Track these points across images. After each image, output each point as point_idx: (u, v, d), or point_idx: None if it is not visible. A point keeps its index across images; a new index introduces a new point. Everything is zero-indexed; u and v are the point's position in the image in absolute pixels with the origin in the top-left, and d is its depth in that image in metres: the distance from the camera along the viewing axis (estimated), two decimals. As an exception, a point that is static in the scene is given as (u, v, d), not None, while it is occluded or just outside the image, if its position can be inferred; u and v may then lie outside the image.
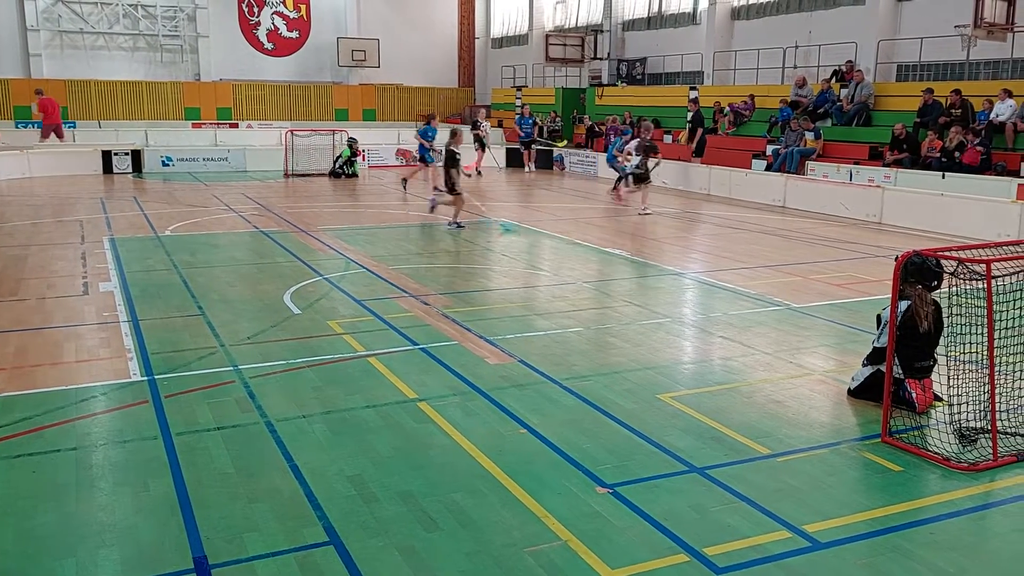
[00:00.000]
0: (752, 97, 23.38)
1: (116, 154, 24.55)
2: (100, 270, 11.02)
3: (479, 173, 24.55)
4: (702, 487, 5.06)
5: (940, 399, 6.29)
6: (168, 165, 25.15)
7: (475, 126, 26.18)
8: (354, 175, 24.16)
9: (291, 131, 25.30)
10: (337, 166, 24.23)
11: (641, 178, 17.43)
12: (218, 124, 33.39)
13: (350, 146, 24.30)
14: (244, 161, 25.86)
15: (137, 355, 7.46)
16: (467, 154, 20.05)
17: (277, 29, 37.01)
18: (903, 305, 6.09)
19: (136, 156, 24.81)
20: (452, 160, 14.52)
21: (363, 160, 25.87)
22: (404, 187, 20.53)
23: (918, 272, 6.03)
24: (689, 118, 23.84)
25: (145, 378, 6.88)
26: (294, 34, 37.32)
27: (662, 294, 10.21)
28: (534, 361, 7.39)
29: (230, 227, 14.94)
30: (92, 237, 13.57)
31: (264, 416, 6.10)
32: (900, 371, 6.19)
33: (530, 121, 26.93)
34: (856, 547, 4.39)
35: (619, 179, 19.09)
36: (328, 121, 34.38)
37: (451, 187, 14.60)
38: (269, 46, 36.98)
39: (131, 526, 4.56)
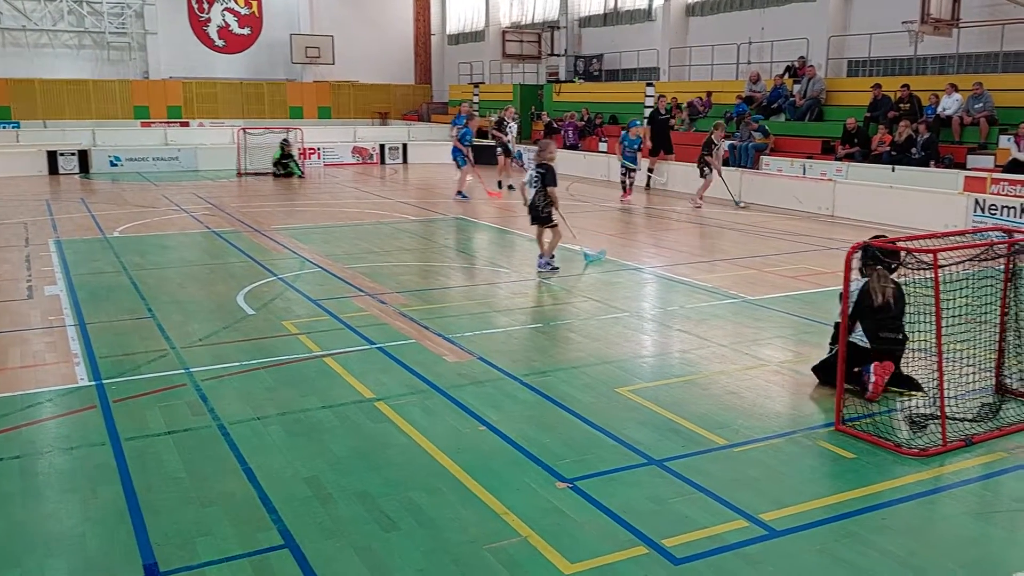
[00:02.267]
0: (709, 94, 23.56)
1: (62, 154, 23.98)
2: (45, 273, 10.73)
3: (510, 188, 19.97)
4: (660, 479, 5.08)
5: (917, 387, 6.40)
6: (116, 165, 24.63)
7: (499, 127, 21.55)
8: (291, 174, 23.33)
9: (244, 129, 24.94)
10: (279, 165, 23.62)
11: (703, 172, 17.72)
12: (168, 123, 32.84)
13: (282, 147, 23.66)
14: (195, 160, 25.43)
15: (84, 359, 7.28)
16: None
17: (228, 26, 36.50)
18: (862, 283, 6.26)
19: (83, 156, 24.25)
20: (552, 178, 11.00)
21: (308, 159, 25.42)
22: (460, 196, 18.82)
23: (876, 255, 6.16)
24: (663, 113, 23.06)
25: (93, 383, 6.71)
26: (246, 31, 36.85)
27: (620, 289, 10.24)
28: (493, 358, 7.36)
29: (181, 227, 14.67)
30: (37, 239, 13.22)
31: (217, 419, 5.98)
32: (867, 342, 6.31)
33: (463, 119, 21.46)
34: (811, 534, 4.44)
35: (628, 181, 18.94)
36: (282, 119, 34.06)
37: (547, 215, 10.99)
38: (220, 43, 36.47)
39: (78, 534, 4.44)
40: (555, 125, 27.93)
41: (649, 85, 25.77)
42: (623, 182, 18.79)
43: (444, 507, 4.72)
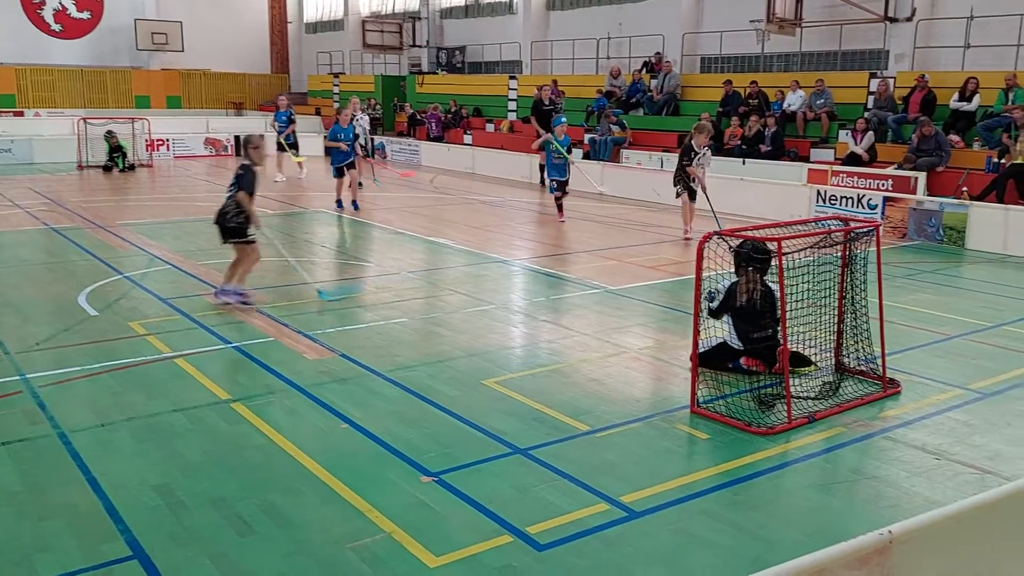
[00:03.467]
0: (555, 82, 23.72)
1: None
2: None
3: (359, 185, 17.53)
4: (525, 468, 5.12)
5: (811, 364, 6.73)
6: (-60, 158, 22.60)
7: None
8: (128, 168, 22.09)
9: (84, 119, 23.41)
10: (108, 160, 22.28)
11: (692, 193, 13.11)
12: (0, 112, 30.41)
13: (107, 140, 22.32)
14: (31, 152, 23.69)
15: (-98, 368, 6.64)
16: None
17: (65, 9, 34.13)
18: (731, 281, 6.60)
19: (-99, 148, 22.13)
20: (249, 182, 8.50)
21: (156, 151, 24.18)
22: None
23: (748, 257, 6.51)
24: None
25: (-88, 394, 6.13)
26: (85, 15, 34.55)
27: (487, 281, 10.28)
28: (356, 354, 7.22)
29: (15, 225, 13.63)
30: None
31: (57, 427, 5.59)
32: (739, 344, 6.64)
33: (284, 116, 20.13)
34: (668, 513, 4.59)
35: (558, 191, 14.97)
36: (128, 108, 32.18)
37: (236, 227, 8.60)
38: (57, 27, 34.06)
39: None
40: (419, 117, 27.75)
41: (512, 78, 26.00)
42: (558, 199, 14.86)
43: (305, 508, 4.59)
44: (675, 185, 13.28)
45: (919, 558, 3.04)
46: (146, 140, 23.99)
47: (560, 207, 14.92)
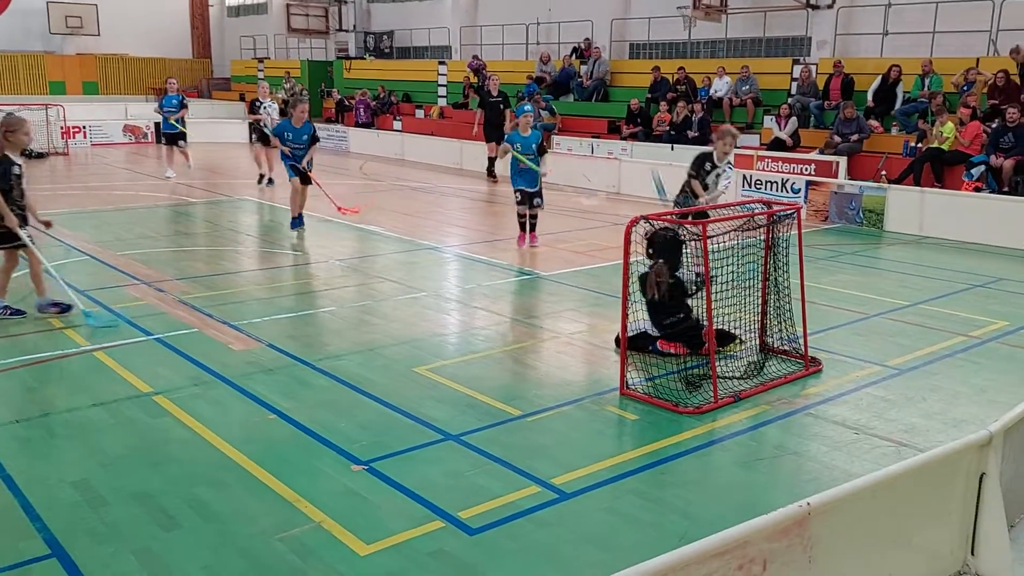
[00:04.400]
0: (475, 57, 23.59)
1: None
2: None
3: (270, 181, 16.53)
4: (457, 453, 5.12)
5: (736, 339, 6.85)
6: None
7: (253, 108, 17.35)
8: (36, 156, 21.26)
9: (-5, 106, 22.40)
10: None
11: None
12: (-98, 98, 28.89)
13: None
14: (-62, 140, 22.53)
15: None
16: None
17: (-29, -11, 32.54)
18: (644, 270, 6.60)
19: None
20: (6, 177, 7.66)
21: (72, 138, 23.29)
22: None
23: (660, 250, 6.53)
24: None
25: None
26: (-7, -4, 33.02)
27: (418, 269, 10.21)
28: (284, 344, 7.10)
29: (-78, 215, 12.97)
30: None
31: (-33, 426, 5.36)
32: (655, 330, 6.71)
33: (176, 100, 18.23)
34: (599, 493, 4.64)
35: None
36: (41, 95, 30.90)
37: (11, 236, 7.63)
38: (-37, 9, 32.46)
39: None
40: (347, 103, 27.36)
41: (441, 63, 25.82)
42: (521, 217, 11.38)
43: (231, 500, 4.50)
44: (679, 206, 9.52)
45: (837, 528, 3.14)
46: (61, 127, 23.08)
47: (533, 226, 11.39)
